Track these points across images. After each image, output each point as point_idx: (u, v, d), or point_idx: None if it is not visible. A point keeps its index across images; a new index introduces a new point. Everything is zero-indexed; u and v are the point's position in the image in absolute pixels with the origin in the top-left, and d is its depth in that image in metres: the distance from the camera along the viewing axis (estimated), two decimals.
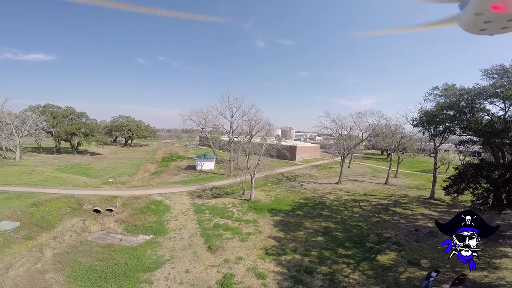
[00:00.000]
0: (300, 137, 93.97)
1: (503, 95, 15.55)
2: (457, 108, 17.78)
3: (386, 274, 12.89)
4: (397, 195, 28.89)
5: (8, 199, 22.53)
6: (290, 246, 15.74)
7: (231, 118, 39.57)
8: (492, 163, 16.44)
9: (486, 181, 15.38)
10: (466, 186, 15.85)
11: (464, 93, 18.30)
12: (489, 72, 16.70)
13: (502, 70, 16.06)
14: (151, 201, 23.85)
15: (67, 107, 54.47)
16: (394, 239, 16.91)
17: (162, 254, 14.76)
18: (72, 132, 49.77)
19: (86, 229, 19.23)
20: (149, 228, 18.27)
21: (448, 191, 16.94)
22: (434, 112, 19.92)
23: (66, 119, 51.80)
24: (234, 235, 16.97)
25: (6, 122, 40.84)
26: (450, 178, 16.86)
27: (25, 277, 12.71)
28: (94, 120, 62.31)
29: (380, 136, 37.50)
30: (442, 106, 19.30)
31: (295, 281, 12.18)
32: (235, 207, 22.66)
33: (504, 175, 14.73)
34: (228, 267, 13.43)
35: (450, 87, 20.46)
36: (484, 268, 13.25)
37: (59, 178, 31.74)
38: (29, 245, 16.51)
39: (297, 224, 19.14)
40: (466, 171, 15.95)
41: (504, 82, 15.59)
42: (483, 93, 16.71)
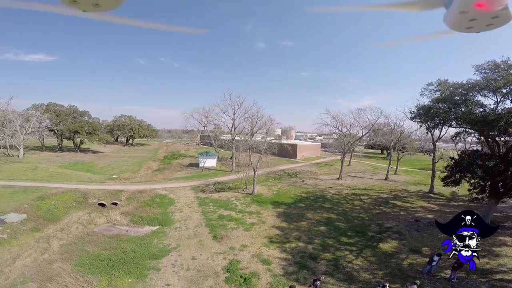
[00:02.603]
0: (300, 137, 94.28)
1: (494, 87, 16.03)
2: (451, 101, 18.43)
3: (388, 261, 13.21)
4: (397, 189, 29.24)
5: (15, 193, 22.86)
6: (293, 235, 16.08)
7: (233, 116, 40.02)
8: (487, 153, 16.84)
9: (482, 170, 15.75)
10: (462, 176, 16.20)
11: (458, 87, 18.97)
12: (481, 67, 17.30)
13: (494, 66, 16.65)
14: (156, 194, 24.19)
15: (70, 106, 54.91)
16: (395, 229, 17.24)
17: (169, 243, 15.09)
18: (75, 130, 50.15)
19: (92, 222, 19.56)
20: (154, 219, 18.59)
21: (446, 182, 17.29)
22: (429, 105, 20.66)
23: (69, 118, 52.20)
24: (239, 225, 17.31)
25: (11, 119, 41.22)
26: (447, 168, 17.24)
27: (32, 266, 12.89)
28: (97, 119, 62.75)
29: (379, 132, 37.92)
30: (438, 99, 19.98)
31: (300, 266, 12.50)
32: (238, 200, 23.00)
33: (499, 164, 15.11)
34: (234, 254, 13.76)
35: (443, 82, 21.14)
36: (484, 255, 13.53)
37: (63, 174, 32.09)
38: (36, 237, 16.80)
39: (299, 215, 19.47)
40: (462, 160, 16.33)
41: (496, 76, 16.11)
42: (476, 86, 17.28)
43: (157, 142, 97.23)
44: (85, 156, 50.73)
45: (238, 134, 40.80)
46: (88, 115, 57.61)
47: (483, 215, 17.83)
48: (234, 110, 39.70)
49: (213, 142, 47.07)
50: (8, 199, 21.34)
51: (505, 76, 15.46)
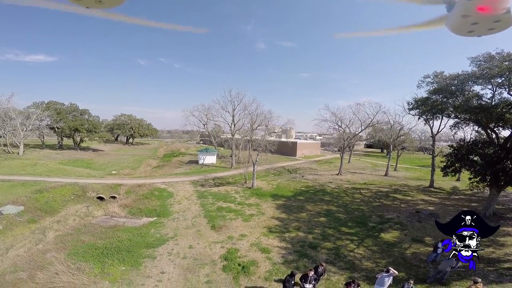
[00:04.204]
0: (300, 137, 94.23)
1: (488, 75, 16.23)
2: (448, 90, 18.69)
3: (391, 250, 12.96)
4: (397, 184, 28.98)
5: (13, 187, 22.74)
6: (293, 225, 15.84)
7: (233, 112, 39.92)
8: (486, 140, 16.74)
9: (481, 158, 15.63)
10: (462, 164, 16.05)
11: (454, 78, 19.26)
12: (476, 59, 17.54)
13: (489, 57, 16.90)
14: (155, 188, 24.02)
15: (71, 104, 54.97)
16: (396, 220, 16.98)
17: (166, 232, 14.88)
18: (75, 128, 50.16)
19: (90, 214, 19.38)
20: (152, 211, 18.39)
21: (445, 171, 17.09)
22: (427, 97, 21.09)
23: (69, 115, 52.26)
24: (237, 216, 17.08)
25: (11, 117, 41.28)
26: (447, 156, 17.09)
27: (25, 256, 12.61)
28: (97, 117, 62.80)
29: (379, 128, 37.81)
30: (434, 90, 20.31)
31: (300, 255, 12.26)
32: (238, 194, 22.79)
33: (498, 151, 14.96)
34: (232, 243, 13.53)
35: (439, 73, 21.50)
36: (489, 245, 13.29)
37: (63, 169, 31.98)
38: (32, 228, 16.60)
39: (299, 207, 19.24)
40: (461, 148, 16.20)
41: (490, 66, 16.39)
42: (472, 77, 17.53)
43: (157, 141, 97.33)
44: (85, 154, 50.68)
45: (238, 130, 40.67)
46: (88, 114, 57.69)
47: (485, 206, 17.64)
48: (234, 106, 39.66)
49: (212, 140, 46.97)
50: (6, 192, 21.20)
51: (499, 65, 15.69)
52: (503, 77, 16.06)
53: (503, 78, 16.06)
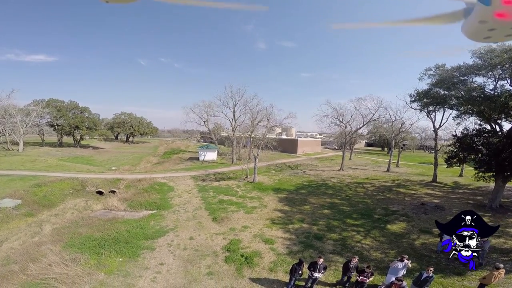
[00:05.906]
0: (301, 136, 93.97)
1: (489, 65, 16.23)
2: (450, 82, 18.61)
3: (399, 241, 12.59)
4: (399, 179, 28.60)
5: (11, 181, 22.41)
6: (296, 217, 15.45)
7: (234, 108, 39.55)
8: (490, 130, 16.47)
9: (486, 148, 15.34)
10: (467, 154, 15.74)
11: (455, 70, 19.18)
12: (477, 52, 17.53)
13: (490, 50, 16.92)
14: (155, 182, 23.66)
15: (71, 101, 54.60)
16: (401, 212, 16.59)
17: (166, 224, 14.50)
18: (76, 125, 49.83)
19: (89, 208, 18.99)
20: (152, 204, 18.03)
21: (449, 162, 16.74)
22: (429, 88, 21.02)
23: (69, 113, 51.93)
24: (239, 208, 16.70)
25: (11, 114, 40.97)
26: (450, 146, 16.79)
27: (19, 249, 12.23)
28: (97, 115, 62.49)
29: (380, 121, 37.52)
30: (436, 82, 20.20)
31: (305, 246, 11.88)
32: (239, 187, 22.42)
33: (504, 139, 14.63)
34: (234, 234, 13.15)
35: (441, 66, 21.44)
36: (500, 236, 12.91)
37: (62, 165, 31.65)
38: (28, 221, 16.26)
39: (302, 200, 18.85)
40: (465, 137, 15.89)
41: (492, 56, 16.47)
42: (473, 68, 17.51)
43: (157, 140, 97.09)
44: (85, 151, 50.35)
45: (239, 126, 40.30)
46: (89, 111, 57.33)
47: (491, 198, 17.27)
48: (234, 102, 39.30)
49: (213, 137, 46.62)
50: (4, 186, 20.87)
51: (500, 55, 15.82)
52: (504, 68, 16.12)
53: (504, 69, 16.15)
